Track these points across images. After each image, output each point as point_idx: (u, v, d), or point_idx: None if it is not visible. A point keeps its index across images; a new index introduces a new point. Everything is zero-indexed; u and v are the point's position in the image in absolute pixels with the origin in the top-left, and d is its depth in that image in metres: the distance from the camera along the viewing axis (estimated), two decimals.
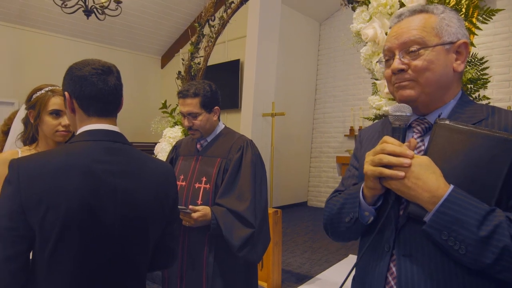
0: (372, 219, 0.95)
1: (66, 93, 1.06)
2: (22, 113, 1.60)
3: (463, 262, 0.78)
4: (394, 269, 0.88)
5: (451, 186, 0.78)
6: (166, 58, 8.56)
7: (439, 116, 0.92)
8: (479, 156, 0.79)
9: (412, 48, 0.90)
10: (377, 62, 1.60)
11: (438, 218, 0.77)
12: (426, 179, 0.79)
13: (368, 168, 0.87)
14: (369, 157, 0.88)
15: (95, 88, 1.04)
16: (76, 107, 1.06)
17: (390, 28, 1.00)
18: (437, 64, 0.89)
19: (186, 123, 1.78)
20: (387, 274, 0.89)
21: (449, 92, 0.93)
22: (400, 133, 0.88)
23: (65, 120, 1.50)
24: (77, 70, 1.05)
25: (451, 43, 0.91)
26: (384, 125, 1.06)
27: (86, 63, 1.06)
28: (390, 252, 0.89)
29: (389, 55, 0.96)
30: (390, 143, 0.85)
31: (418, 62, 0.89)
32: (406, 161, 0.82)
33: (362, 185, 0.94)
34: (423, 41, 0.89)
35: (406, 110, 0.89)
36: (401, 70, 0.91)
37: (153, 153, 2.88)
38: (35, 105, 1.51)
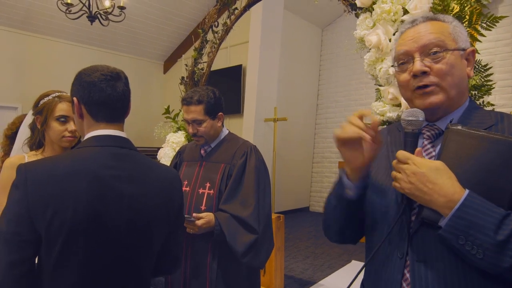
0: (354, 195, 0.97)
1: (74, 98, 1.07)
2: (29, 118, 1.61)
3: (480, 267, 0.77)
4: (408, 275, 0.88)
5: (467, 191, 0.78)
6: (168, 63, 8.60)
7: (450, 121, 0.92)
8: (492, 160, 0.79)
9: (434, 50, 0.90)
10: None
11: (455, 223, 0.77)
12: (442, 184, 0.79)
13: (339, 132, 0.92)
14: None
15: (104, 94, 1.05)
16: (85, 113, 1.07)
17: (401, 33, 1.00)
18: (457, 68, 0.90)
19: (190, 130, 1.78)
20: (401, 280, 0.88)
21: (463, 97, 0.95)
22: (413, 138, 0.88)
23: (71, 126, 1.51)
24: (86, 76, 1.06)
25: (464, 49, 0.92)
26: (390, 133, 1.06)
27: (95, 69, 1.07)
28: (404, 259, 0.88)
29: (406, 59, 0.95)
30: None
31: (441, 66, 0.89)
32: (365, 135, 0.87)
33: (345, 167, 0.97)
34: (444, 44, 0.90)
35: (419, 115, 0.88)
36: (424, 73, 0.90)
37: (156, 158, 2.89)
38: (42, 110, 1.52)
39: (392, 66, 1.34)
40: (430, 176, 0.80)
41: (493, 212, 0.75)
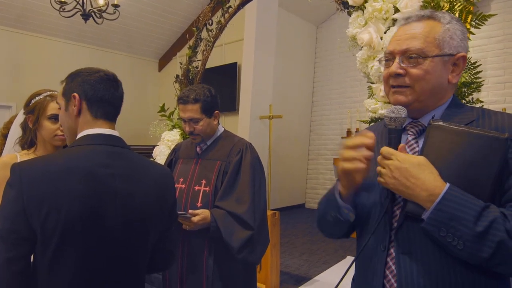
0: (353, 216, 0.99)
1: (75, 94, 1.07)
2: (20, 118, 1.60)
3: (461, 257, 0.81)
4: (393, 267, 0.91)
5: (447, 184, 0.81)
6: (163, 61, 8.57)
7: (432, 117, 0.95)
8: (472, 155, 0.82)
9: (412, 55, 0.92)
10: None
11: (436, 216, 0.80)
12: (424, 179, 0.82)
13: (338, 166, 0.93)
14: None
15: (108, 92, 1.09)
16: (84, 109, 1.08)
17: (397, 28, 1.02)
18: (433, 75, 0.92)
19: (187, 128, 1.79)
20: (386, 272, 0.92)
21: (442, 100, 0.97)
22: (396, 134, 0.91)
23: None
24: (88, 74, 1.09)
25: (451, 55, 0.93)
26: (381, 127, 1.09)
27: (95, 70, 1.11)
28: (386, 251, 0.92)
29: (390, 58, 0.98)
30: (351, 138, 0.92)
31: (415, 71, 0.92)
32: (365, 153, 0.88)
33: (338, 184, 0.99)
34: (422, 52, 0.92)
35: (401, 112, 0.91)
36: (399, 75, 0.94)
37: (152, 156, 2.90)
38: (34, 110, 1.52)
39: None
40: (412, 171, 0.83)
41: (473, 204, 0.79)
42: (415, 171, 0.83)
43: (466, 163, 0.83)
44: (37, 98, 1.53)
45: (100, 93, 1.08)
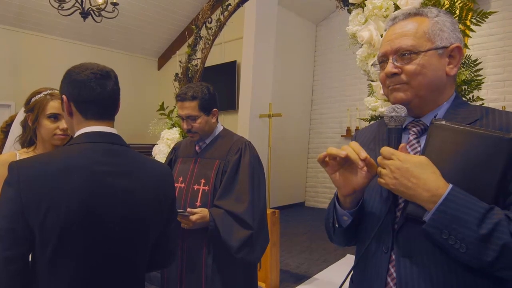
0: (349, 222, 0.98)
1: (64, 96, 1.07)
2: (20, 116, 1.60)
3: (463, 261, 0.78)
4: (392, 270, 0.89)
5: (450, 185, 0.79)
6: (162, 59, 8.56)
7: (435, 116, 0.93)
8: (475, 155, 0.80)
9: (405, 53, 0.92)
10: (372, 65, 1.62)
11: (438, 217, 0.78)
12: (426, 179, 0.80)
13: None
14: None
15: (94, 92, 1.05)
16: (74, 110, 1.07)
17: (386, 30, 1.01)
18: (429, 69, 0.91)
19: (185, 126, 1.79)
20: (386, 275, 0.89)
21: (442, 95, 0.95)
22: (396, 134, 0.90)
23: (63, 124, 1.50)
24: (76, 74, 1.06)
25: (444, 47, 0.92)
26: (380, 126, 1.08)
27: (85, 67, 1.07)
28: (388, 254, 0.90)
29: (383, 59, 0.98)
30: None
31: (410, 67, 0.91)
32: (342, 152, 0.88)
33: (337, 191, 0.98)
34: (414, 48, 0.91)
35: (401, 111, 0.90)
36: (394, 74, 0.93)
37: (151, 155, 2.89)
38: (34, 108, 1.51)
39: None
40: (414, 171, 0.81)
41: (476, 206, 0.76)
42: (416, 171, 0.81)
43: (469, 164, 0.80)
44: (37, 97, 1.53)
45: (85, 94, 1.04)
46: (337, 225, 1.01)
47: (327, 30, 7.60)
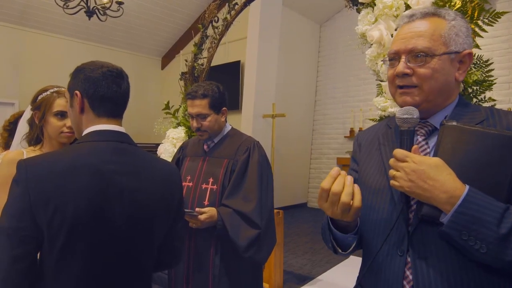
0: (355, 240, 0.97)
1: (77, 92, 1.06)
2: (27, 114, 1.60)
3: (483, 261, 0.78)
4: (408, 273, 0.88)
5: (467, 186, 0.79)
6: (166, 59, 8.56)
7: (445, 117, 0.93)
8: (488, 155, 0.80)
9: (419, 54, 0.90)
10: (382, 61, 1.61)
11: (458, 218, 0.77)
12: (444, 180, 0.79)
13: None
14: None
15: (110, 90, 1.06)
16: (86, 107, 1.07)
17: (399, 26, 1.00)
18: (441, 73, 0.90)
19: (194, 124, 1.78)
20: (402, 279, 0.88)
21: (449, 98, 0.95)
22: (409, 136, 0.89)
23: (69, 122, 1.50)
24: (91, 71, 1.06)
25: (457, 52, 0.91)
26: (384, 128, 1.07)
27: (99, 65, 1.07)
28: (404, 257, 0.88)
29: (395, 57, 0.96)
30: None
31: (424, 70, 0.90)
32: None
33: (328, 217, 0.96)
34: (430, 50, 0.90)
35: (414, 113, 0.89)
36: (406, 74, 0.92)
37: (156, 154, 2.88)
38: (40, 106, 1.51)
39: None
40: (430, 173, 0.80)
41: (495, 206, 0.76)
42: (433, 173, 0.80)
43: (482, 164, 0.81)
44: (43, 94, 1.52)
45: (102, 91, 1.05)
46: (340, 251, 1.00)
47: (331, 30, 7.59)
